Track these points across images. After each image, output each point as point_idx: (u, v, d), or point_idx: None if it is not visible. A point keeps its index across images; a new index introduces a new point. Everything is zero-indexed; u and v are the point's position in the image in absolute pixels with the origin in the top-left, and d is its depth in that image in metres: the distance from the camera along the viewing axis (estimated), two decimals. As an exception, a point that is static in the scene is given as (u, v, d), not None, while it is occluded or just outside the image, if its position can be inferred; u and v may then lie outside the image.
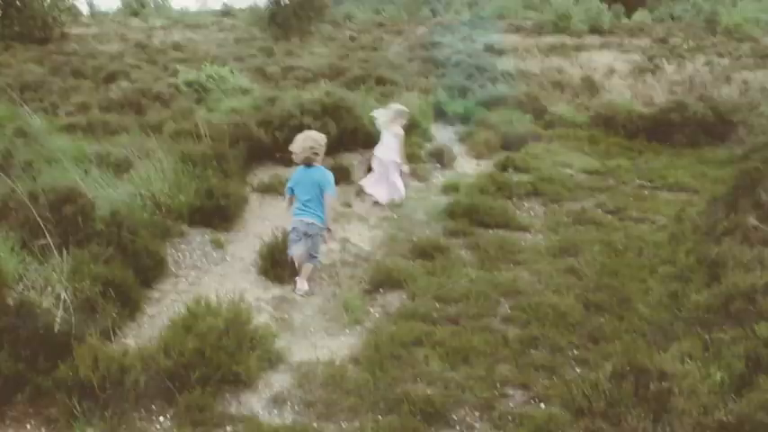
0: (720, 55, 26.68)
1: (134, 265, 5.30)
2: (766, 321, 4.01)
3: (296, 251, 5.84)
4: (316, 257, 5.97)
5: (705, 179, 9.73)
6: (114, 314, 4.70)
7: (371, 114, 8.72)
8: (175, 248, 6.28)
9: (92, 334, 4.21)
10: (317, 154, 5.80)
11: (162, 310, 5.27)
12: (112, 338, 4.54)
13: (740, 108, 13.06)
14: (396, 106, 8.65)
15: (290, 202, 6.05)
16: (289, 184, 6.08)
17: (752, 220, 6.16)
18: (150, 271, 5.57)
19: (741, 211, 6.54)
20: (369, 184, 8.34)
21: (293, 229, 5.86)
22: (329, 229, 6.19)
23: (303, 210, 5.83)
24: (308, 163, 5.84)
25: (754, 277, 4.61)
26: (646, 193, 9.21)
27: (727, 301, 4.54)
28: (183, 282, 5.82)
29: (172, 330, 4.45)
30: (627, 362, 4.00)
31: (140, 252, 5.46)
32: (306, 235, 5.81)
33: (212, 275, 6.01)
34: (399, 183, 8.29)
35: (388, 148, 8.24)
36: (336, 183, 7.01)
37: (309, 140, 5.80)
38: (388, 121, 8.30)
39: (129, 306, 5.00)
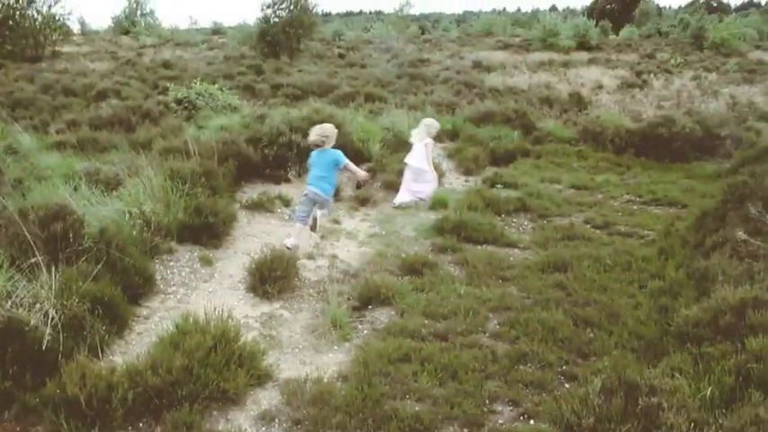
0: (708, 70, 27.06)
1: (123, 283, 5.27)
2: (756, 335, 4.02)
3: (300, 213, 7.28)
4: (326, 210, 7.54)
5: (694, 193, 9.80)
6: (102, 331, 4.68)
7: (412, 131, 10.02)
8: (164, 266, 6.26)
9: (80, 351, 4.20)
10: (324, 141, 7.24)
11: (150, 328, 5.24)
12: (100, 356, 4.52)
13: (728, 122, 13.21)
14: (427, 120, 9.89)
15: None
16: (309, 162, 7.53)
17: (741, 234, 6.20)
18: (139, 288, 5.54)
19: (730, 226, 6.58)
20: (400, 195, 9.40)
21: (305, 194, 7.33)
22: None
23: (314, 182, 7.25)
24: (318, 146, 7.26)
25: (744, 291, 4.62)
26: (634, 207, 9.26)
27: (716, 315, 4.54)
28: (172, 299, 5.79)
29: (160, 347, 4.42)
30: (616, 377, 4.00)
31: (129, 269, 5.44)
32: (314, 202, 7.28)
33: (201, 292, 5.98)
34: (425, 186, 9.33)
35: (418, 156, 9.37)
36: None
37: (320, 130, 7.33)
38: (420, 133, 9.54)
39: (118, 323, 4.97)
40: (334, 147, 7.35)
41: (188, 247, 6.69)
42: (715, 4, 78.51)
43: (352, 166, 7.48)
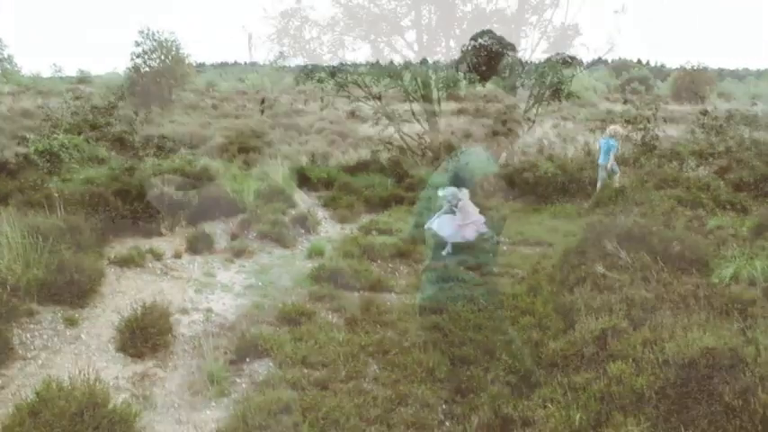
0: (565, 119, 29.10)
1: (-27, 350, 4.85)
2: (615, 361, 4.29)
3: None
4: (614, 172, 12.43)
5: (558, 233, 10.37)
6: (-53, 407, 4.25)
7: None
8: (23, 329, 5.82)
9: None
10: (613, 135, 12.56)
11: (7, 397, 4.83)
12: (-55, 434, 4.10)
13: (585, 166, 14.20)
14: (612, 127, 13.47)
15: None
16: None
17: (599, 269, 6.66)
18: (-8, 355, 5.11)
19: (590, 261, 7.04)
20: None
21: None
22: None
23: (600, 157, 12.61)
24: (612, 137, 12.49)
25: (604, 322, 4.96)
26: (505, 248, 9.67)
27: (581, 345, 4.83)
28: (33, 364, 5.38)
29: (16, 418, 4.09)
30: (493, 412, 4.12)
31: (-20, 335, 5.02)
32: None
33: (65, 355, 5.60)
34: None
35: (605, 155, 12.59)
36: (199, 252, 7.25)
37: (612, 127, 13.07)
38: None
39: (-33, 396, 4.56)
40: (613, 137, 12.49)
41: (50, 308, 6.27)
42: (570, 60, 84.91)
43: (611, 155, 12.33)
